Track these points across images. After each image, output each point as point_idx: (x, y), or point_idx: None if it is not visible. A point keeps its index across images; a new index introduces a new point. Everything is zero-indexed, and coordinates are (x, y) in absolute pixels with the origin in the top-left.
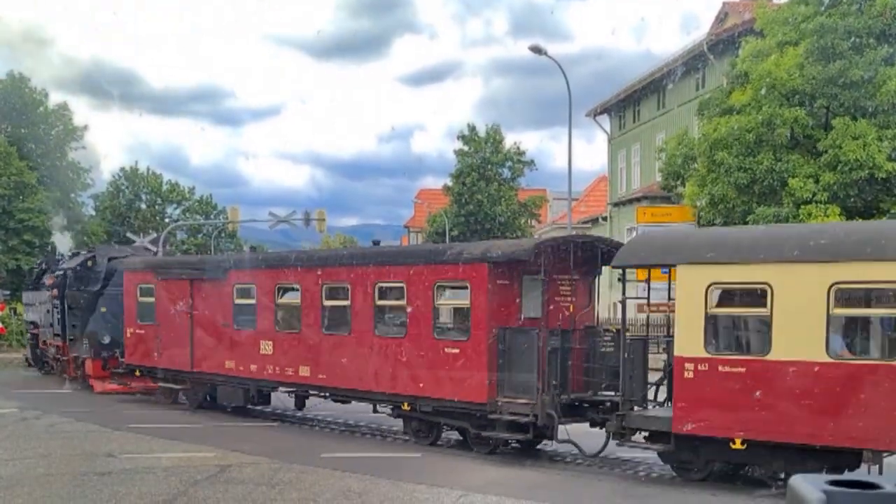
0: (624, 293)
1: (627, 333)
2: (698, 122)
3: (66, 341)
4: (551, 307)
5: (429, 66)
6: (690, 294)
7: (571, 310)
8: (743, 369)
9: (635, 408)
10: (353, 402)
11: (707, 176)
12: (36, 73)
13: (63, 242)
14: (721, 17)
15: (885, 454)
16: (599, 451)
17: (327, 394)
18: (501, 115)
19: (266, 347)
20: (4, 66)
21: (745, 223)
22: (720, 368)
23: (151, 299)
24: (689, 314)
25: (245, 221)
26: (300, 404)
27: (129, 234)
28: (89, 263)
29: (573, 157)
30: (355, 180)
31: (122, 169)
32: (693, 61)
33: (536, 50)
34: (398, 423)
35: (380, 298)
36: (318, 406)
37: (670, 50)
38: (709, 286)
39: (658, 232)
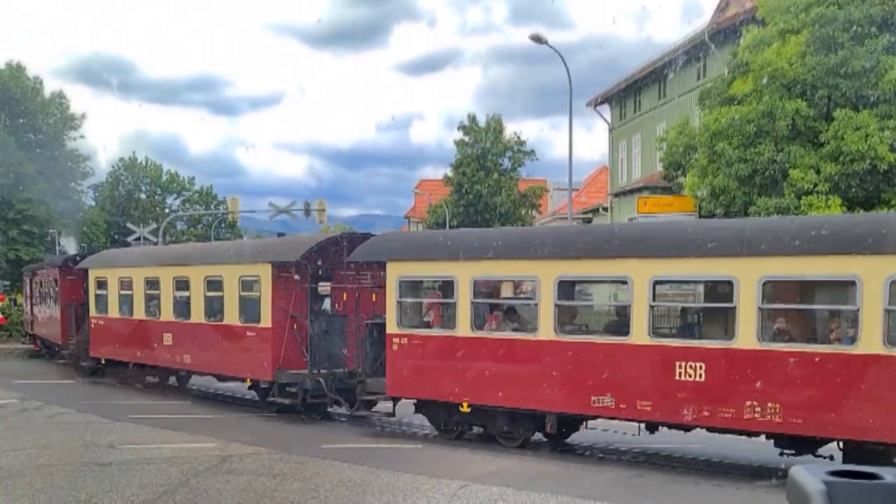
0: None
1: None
2: (699, 112)
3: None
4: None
5: (427, 55)
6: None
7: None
8: (102, 322)
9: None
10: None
11: (708, 167)
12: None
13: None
14: (722, 6)
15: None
16: None
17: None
18: (501, 104)
19: (41, 316)
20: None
21: (746, 215)
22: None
23: (29, 291)
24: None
25: (245, 212)
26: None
27: (129, 225)
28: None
29: (574, 147)
30: (354, 170)
31: (121, 159)
32: (694, 50)
33: (537, 39)
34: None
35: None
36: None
37: (671, 38)
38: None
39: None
